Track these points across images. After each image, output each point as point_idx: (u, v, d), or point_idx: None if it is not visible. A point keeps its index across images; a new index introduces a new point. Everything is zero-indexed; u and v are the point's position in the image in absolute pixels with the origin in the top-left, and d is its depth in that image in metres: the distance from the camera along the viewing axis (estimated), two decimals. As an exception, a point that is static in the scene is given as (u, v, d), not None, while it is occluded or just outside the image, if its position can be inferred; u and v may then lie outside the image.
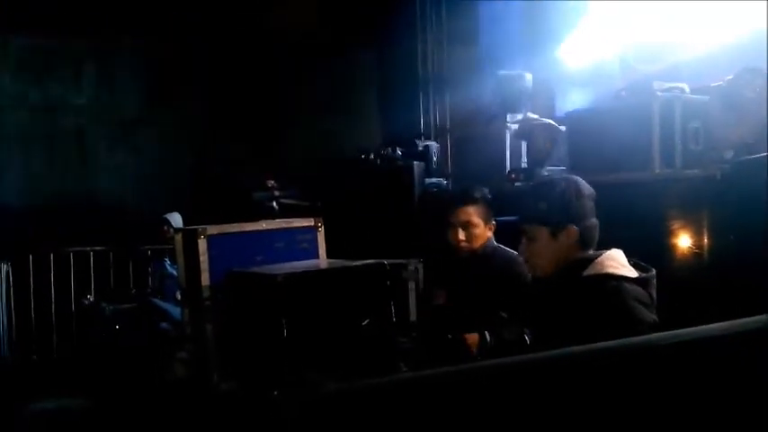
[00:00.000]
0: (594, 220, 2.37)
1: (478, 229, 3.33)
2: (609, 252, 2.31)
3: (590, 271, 2.27)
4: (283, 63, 7.91)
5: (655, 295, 2.27)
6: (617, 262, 2.27)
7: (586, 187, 2.40)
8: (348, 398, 1.13)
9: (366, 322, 2.53)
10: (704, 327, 1.11)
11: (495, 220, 3.42)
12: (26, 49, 7.62)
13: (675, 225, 3.67)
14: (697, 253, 3.61)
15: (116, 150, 7.90)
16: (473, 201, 3.35)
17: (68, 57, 7.80)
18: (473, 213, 3.34)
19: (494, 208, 3.41)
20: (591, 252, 2.35)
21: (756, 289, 3.04)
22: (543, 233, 2.38)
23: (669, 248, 3.69)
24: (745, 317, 1.15)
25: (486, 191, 3.43)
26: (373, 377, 2.47)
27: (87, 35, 7.68)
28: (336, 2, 7.72)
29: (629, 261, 2.32)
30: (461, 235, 3.32)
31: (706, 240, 3.58)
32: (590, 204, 2.38)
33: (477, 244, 3.34)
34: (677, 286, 3.55)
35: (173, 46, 7.86)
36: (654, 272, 2.31)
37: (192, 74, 7.97)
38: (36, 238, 6.91)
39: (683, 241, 3.65)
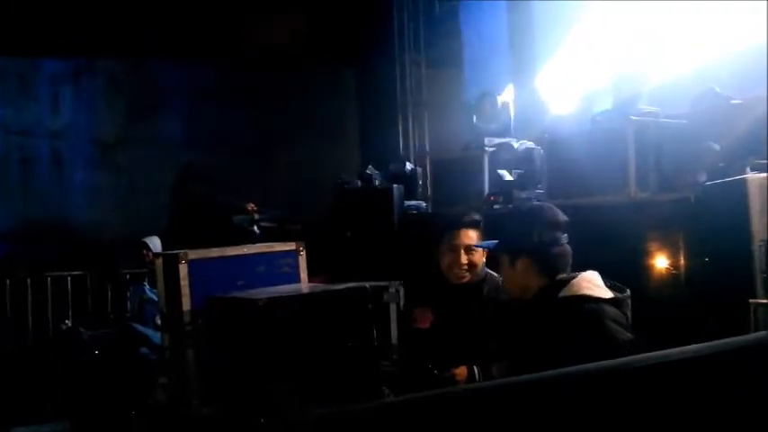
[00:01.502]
0: (559, 249, 2.40)
1: (479, 253, 3.18)
2: (584, 274, 2.36)
3: (566, 293, 2.31)
4: (264, 84, 7.93)
5: (629, 315, 2.32)
6: (592, 283, 2.32)
7: (552, 216, 2.45)
8: (332, 424, 1.14)
9: (348, 346, 2.54)
10: (690, 347, 1.13)
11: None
12: (1, 71, 7.59)
13: (651, 247, 3.72)
14: (672, 274, 3.66)
15: (94, 173, 7.86)
16: (476, 224, 3.19)
17: (44, 78, 7.77)
18: (475, 237, 3.17)
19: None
20: (565, 275, 2.38)
21: (731, 309, 3.09)
22: (505, 260, 2.50)
23: (645, 270, 3.74)
24: (720, 337, 1.17)
25: (480, 216, 3.28)
26: (356, 401, 2.48)
27: (64, 57, 7.67)
28: (318, 24, 7.78)
29: (605, 283, 2.36)
30: (464, 258, 3.14)
31: (681, 262, 3.63)
32: (554, 234, 2.41)
33: (477, 269, 3.18)
34: (653, 307, 3.60)
35: (151, 66, 7.87)
36: (628, 292, 2.36)
37: (171, 94, 7.97)
38: (13, 263, 6.84)
39: (659, 263, 3.70)
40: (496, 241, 2.66)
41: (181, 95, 7.98)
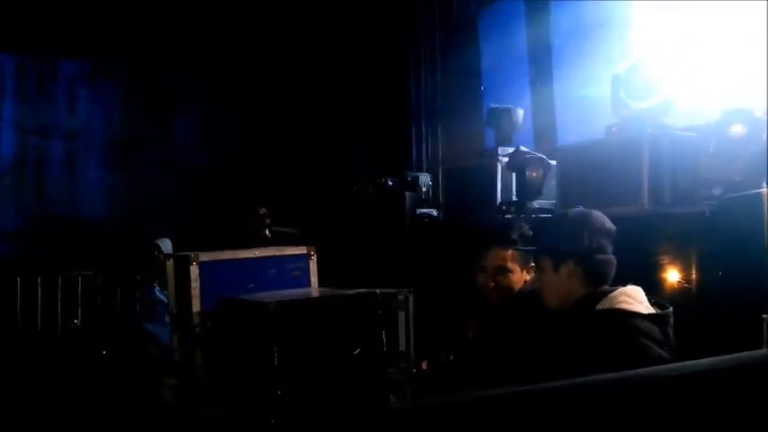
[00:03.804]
0: (604, 257, 2.38)
1: (514, 275, 2.94)
2: (625, 288, 2.32)
3: (602, 305, 2.28)
4: (276, 87, 7.95)
5: (670, 332, 2.27)
6: (631, 298, 2.28)
7: (601, 223, 2.41)
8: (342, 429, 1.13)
9: (357, 352, 2.53)
10: (702, 360, 1.12)
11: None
12: (16, 71, 7.64)
13: (664, 260, 3.70)
14: (685, 288, 3.63)
15: (107, 174, 7.90)
16: (510, 243, 2.92)
17: (61, 79, 7.82)
18: (509, 258, 2.92)
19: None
20: (606, 287, 2.35)
21: (744, 324, 3.06)
22: (548, 265, 2.42)
23: (657, 283, 3.71)
24: (733, 352, 1.16)
25: (526, 229, 3.01)
26: (362, 408, 2.47)
27: (80, 57, 7.72)
28: (334, 30, 7.80)
29: (649, 299, 2.32)
30: (492, 282, 2.94)
31: (694, 276, 3.60)
32: (601, 241, 2.38)
33: (512, 292, 2.93)
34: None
35: (164, 68, 7.91)
36: (670, 309, 2.32)
37: (185, 97, 8.01)
38: (24, 262, 6.87)
39: (672, 276, 3.67)
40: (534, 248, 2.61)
41: (194, 98, 8.01)
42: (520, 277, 2.98)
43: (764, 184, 3.31)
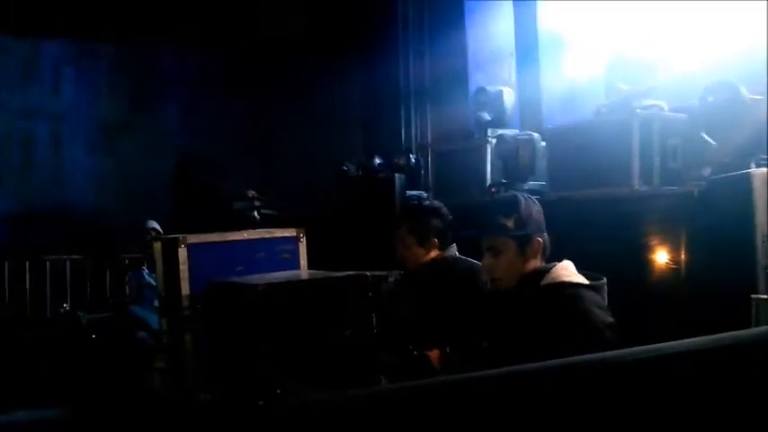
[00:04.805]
0: (546, 232, 2.51)
1: (409, 250, 3.25)
2: (561, 263, 2.44)
3: (547, 280, 2.38)
4: (266, 72, 7.90)
5: (606, 300, 2.40)
6: (569, 271, 2.40)
7: (536, 202, 2.57)
8: (331, 409, 1.13)
9: (347, 333, 2.53)
10: (690, 340, 1.12)
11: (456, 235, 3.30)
12: (3, 53, 7.55)
13: (653, 241, 3.71)
14: (673, 269, 3.65)
15: (95, 157, 7.84)
16: (399, 221, 3.34)
17: (47, 61, 7.74)
18: (402, 232, 3.27)
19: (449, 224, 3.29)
20: (543, 264, 2.48)
21: (732, 304, 3.08)
22: (510, 246, 2.46)
23: (646, 263, 3.73)
24: (721, 332, 1.16)
25: (428, 208, 3.36)
26: (353, 389, 2.47)
27: (66, 39, 7.64)
28: (323, 13, 7.74)
29: (579, 272, 2.44)
30: (398, 251, 3.30)
31: (683, 256, 3.62)
32: (543, 218, 2.53)
33: (409, 263, 3.28)
34: (653, 301, 3.59)
35: (154, 51, 7.84)
36: (605, 279, 2.44)
37: (173, 80, 7.94)
38: (12, 246, 6.83)
39: (660, 257, 3.69)
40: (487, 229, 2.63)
41: (183, 81, 7.95)
42: (416, 252, 3.26)
43: (753, 165, 3.32)
